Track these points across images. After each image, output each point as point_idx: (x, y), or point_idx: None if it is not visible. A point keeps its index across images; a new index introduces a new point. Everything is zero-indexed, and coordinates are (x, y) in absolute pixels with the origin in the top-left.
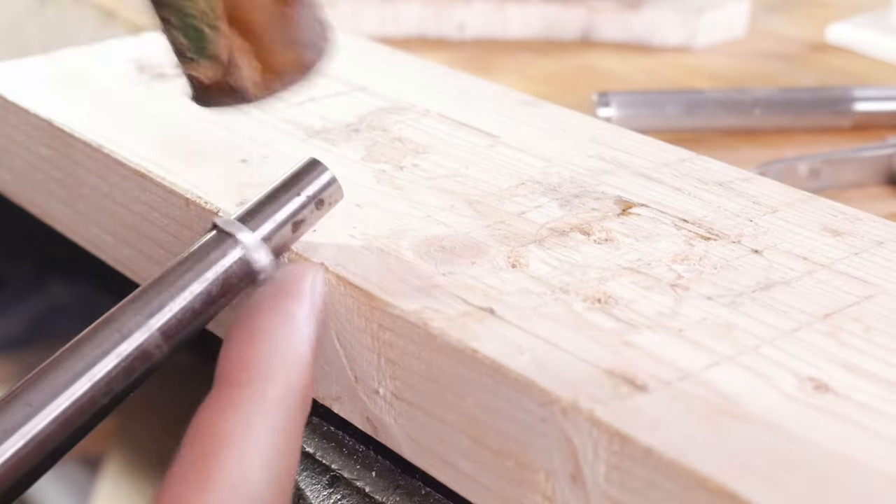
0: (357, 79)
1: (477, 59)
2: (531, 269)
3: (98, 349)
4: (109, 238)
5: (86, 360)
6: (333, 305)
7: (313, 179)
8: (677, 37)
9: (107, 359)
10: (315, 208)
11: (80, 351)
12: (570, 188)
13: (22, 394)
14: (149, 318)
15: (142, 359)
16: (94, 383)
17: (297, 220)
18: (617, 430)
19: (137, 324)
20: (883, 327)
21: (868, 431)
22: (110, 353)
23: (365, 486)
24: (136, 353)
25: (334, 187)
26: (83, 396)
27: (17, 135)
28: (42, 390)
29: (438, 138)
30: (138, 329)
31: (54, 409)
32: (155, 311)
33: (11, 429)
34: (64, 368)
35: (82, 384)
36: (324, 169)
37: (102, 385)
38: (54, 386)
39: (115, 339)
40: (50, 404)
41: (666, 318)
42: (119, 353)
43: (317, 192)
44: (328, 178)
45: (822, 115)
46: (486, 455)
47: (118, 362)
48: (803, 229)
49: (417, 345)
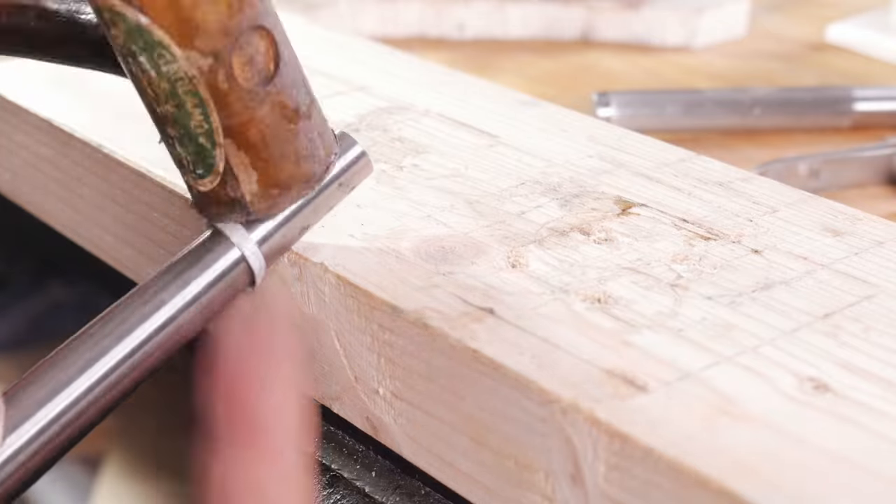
0: (357, 79)
1: (477, 59)
2: (531, 269)
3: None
4: (109, 238)
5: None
6: (333, 305)
7: (338, 157)
8: (677, 37)
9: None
10: (338, 185)
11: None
12: (570, 188)
13: (33, 381)
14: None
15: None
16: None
17: (307, 211)
18: (617, 430)
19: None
20: (883, 327)
21: (868, 431)
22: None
23: (365, 486)
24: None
25: (361, 163)
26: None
27: (17, 135)
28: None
29: (438, 138)
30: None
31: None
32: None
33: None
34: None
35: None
36: (350, 144)
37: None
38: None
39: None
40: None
41: (666, 318)
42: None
43: (337, 174)
44: (354, 155)
45: (822, 115)
46: (486, 455)
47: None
48: (803, 229)
49: (417, 345)
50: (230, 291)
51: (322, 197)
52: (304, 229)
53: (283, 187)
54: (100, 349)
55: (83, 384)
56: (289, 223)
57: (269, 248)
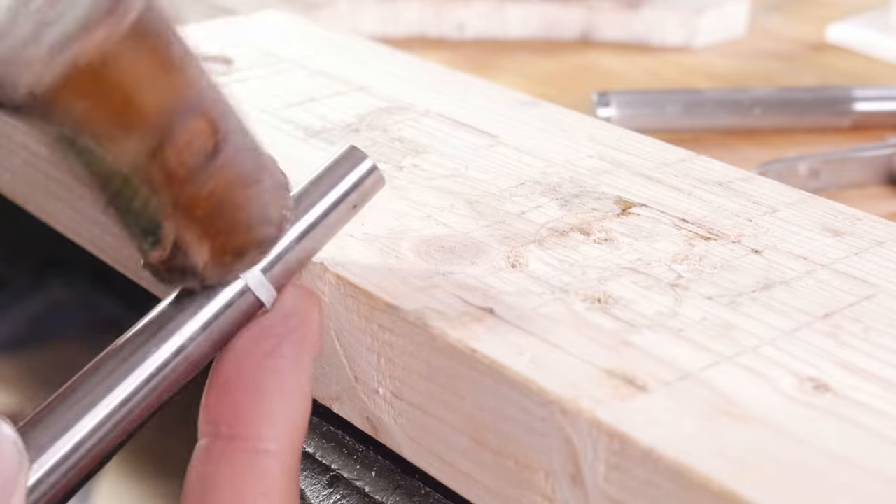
0: (357, 79)
1: (477, 59)
2: (531, 269)
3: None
4: (109, 238)
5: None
6: (333, 305)
7: (345, 174)
8: (677, 37)
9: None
10: (351, 206)
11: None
12: (570, 188)
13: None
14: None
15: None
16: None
17: (316, 233)
18: (617, 430)
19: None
20: (883, 327)
21: (868, 431)
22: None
23: (365, 486)
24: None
25: (373, 178)
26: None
27: (17, 135)
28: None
29: (438, 138)
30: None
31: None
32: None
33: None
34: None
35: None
36: (360, 158)
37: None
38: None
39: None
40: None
41: (666, 318)
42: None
43: (348, 190)
44: (365, 170)
45: (822, 115)
46: (486, 455)
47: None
48: (803, 229)
49: (417, 345)
50: (240, 319)
51: (333, 216)
52: (315, 250)
53: (236, 255)
54: (105, 386)
55: (87, 426)
56: (297, 246)
57: (276, 273)
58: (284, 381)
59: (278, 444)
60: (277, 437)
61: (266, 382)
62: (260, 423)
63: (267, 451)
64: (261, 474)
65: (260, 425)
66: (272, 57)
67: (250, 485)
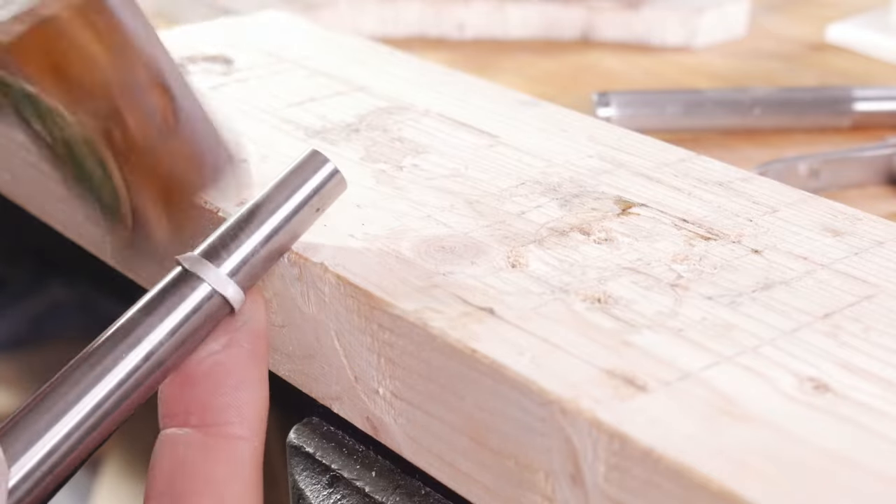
0: (357, 79)
1: (477, 59)
2: (531, 269)
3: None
4: (109, 238)
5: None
6: (333, 305)
7: (308, 178)
8: (677, 36)
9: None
10: (313, 209)
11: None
12: (570, 188)
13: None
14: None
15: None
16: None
17: (281, 235)
18: (617, 430)
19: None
20: (883, 327)
21: (868, 431)
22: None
23: (365, 486)
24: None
25: (334, 181)
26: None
27: (17, 135)
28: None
29: (438, 138)
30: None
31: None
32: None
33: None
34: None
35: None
36: (322, 162)
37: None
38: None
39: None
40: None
41: (666, 318)
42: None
43: (310, 193)
44: (327, 174)
45: (822, 115)
46: (486, 455)
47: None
48: (803, 229)
49: (417, 345)
50: (209, 322)
51: (296, 220)
52: (281, 251)
53: (194, 229)
54: (77, 392)
55: (63, 429)
56: (262, 250)
57: (243, 276)
58: (246, 371)
59: (248, 429)
60: (246, 423)
61: (230, 374)
62: (229, 411)
63: (239, 437)
64: (233, 459)
65: (230, 413)
66: (272, 57)
67: (223, 469)
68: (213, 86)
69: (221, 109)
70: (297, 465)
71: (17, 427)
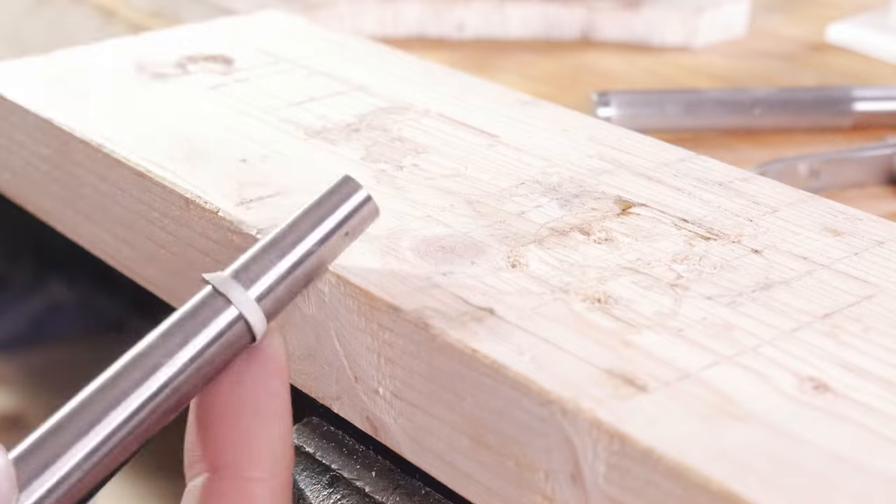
0: (357, 79)
1: (477, 59)
2: (531, 269)
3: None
4: (109, 238)
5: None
6: (333, 305)
7: (339, 204)
8: (677, 36)
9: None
10: (344, 237)
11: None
12: (570, 188)
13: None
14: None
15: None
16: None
17: (309, 263)
18: (617, 430)
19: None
20: (883, 327)
21: (868, 431)
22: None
23: (365, 486)
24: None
25: (367, 208)
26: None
27: (17, 135)
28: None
29: (438, 138)
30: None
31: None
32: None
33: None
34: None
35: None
36: (354, 189)
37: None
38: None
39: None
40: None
41: (666, 318)
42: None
43: (342, 220)
44: (359, 201)
45: (822, 115)
46: (486, 455)
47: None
48: (803, 229)
49: (417, 345)
50: (230, 350)
51: (326, 247)
52: (309, 281)
53: None
54: (94, 416)
55: (80, 453)
56: (291, 275)
57: (269, 303)
58: (256, 406)
59: (262, 469)
60: (261, 463)
61: (239, 411)
62: (240, 451)
63: (252, 479)
64: (249, 502)
65: (240, 454)
66: (272, 57)
67: None
68: (213, 86)
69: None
70: (297, 464)
71: (32, 451)
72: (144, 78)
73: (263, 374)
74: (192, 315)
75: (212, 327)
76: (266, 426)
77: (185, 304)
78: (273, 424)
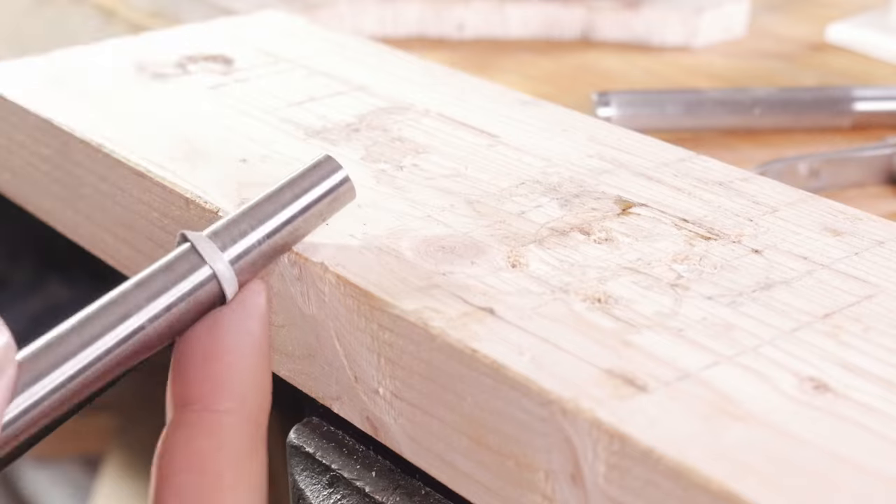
0: (357, 79)
1: (476, 59)
2: (531, 269)
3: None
4: (109, 238)
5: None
6: (333, 305)
7: (318, 182)
8: (677, 36)
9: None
10: (319, 213)
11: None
12: (570, 188)
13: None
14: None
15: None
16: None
17: (285, 233)
18: (617, 430)
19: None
20: (883, 327)
21: (868, 431)
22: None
23: (365, 486)
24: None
25: (344, 188)
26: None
27: (17, 135)
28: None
29: (438, 138)
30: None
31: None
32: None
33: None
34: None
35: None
36: (334, 168)
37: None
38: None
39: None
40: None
41: (666, 317)
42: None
43: (319, 196)
44: (338, 180)
45: (822, 115)
46: (486, 455)
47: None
48: (803, 229)
49: (417, 345)
50: (199, 307)
51: (302, 219)
52: (282, 250)
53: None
54: (65, 354)
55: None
56: (265, 243)
57: (241, 266)
58: (229, 346)
59: (231, 401)
60: (232, 395)
61: (213, 352)
62: (208, 385)
63: (218, 410)
64: (215, 431)
65: (209, 387)
66: (272, 57)
67: (205, 443)
68: (213, 86)
69: (221, 109)
70: (297, 465)
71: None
72: (144, 78)
73: (241, 318)
74: (167, 268)
75: (184, 283)
76: (237, 362)
77: (163, 258)
78: (245, 359)
